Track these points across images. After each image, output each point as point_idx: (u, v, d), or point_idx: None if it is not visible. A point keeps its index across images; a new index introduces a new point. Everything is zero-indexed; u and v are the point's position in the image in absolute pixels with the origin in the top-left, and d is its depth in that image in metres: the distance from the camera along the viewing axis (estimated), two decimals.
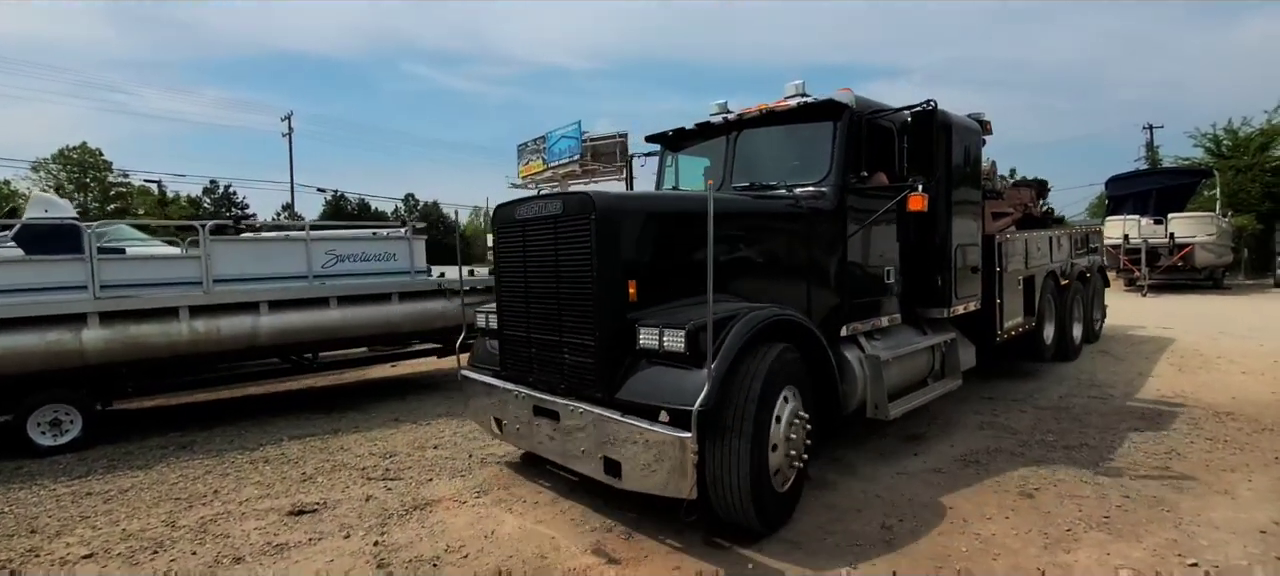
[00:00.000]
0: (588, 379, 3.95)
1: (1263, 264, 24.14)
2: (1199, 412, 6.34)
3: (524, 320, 4.44)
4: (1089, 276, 10.18)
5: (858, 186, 5.14)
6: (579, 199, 3.98)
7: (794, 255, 4.90)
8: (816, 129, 5.22)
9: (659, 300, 4.03)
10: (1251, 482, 4.55)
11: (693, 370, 3.54)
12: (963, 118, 6.41)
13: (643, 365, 3.80)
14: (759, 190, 5.24)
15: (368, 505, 4.56)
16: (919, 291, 5.96)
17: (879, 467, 4.98)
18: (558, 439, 4.13)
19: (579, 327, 3.99)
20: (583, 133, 42.89)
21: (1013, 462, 5.05)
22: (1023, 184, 9.89)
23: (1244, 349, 9.51)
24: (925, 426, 6.04)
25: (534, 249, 4.30)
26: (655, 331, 3.73)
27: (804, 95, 5.42)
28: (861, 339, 5.18)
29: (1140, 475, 4.71)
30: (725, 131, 5.76)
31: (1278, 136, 25.21)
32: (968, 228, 6.37)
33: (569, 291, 4.05)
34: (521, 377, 4.52)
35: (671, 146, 6.46)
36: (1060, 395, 7.14)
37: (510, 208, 4.56)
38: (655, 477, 3.51)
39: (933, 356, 6.00)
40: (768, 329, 3.91)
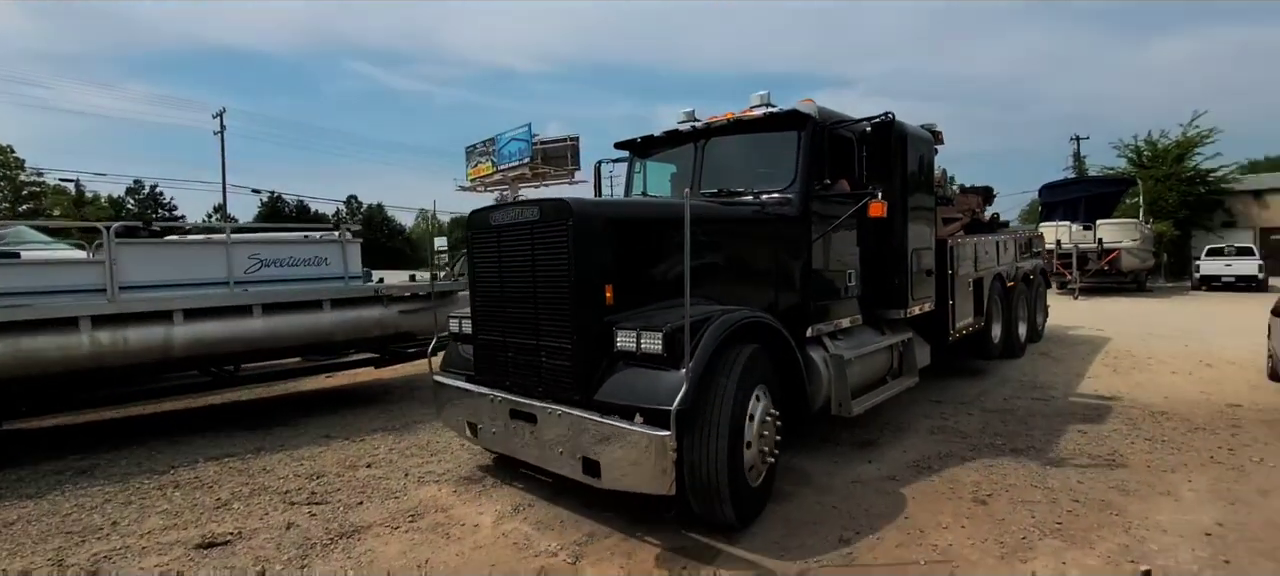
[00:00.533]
0: (565, 381, 4.00)
1: (1180, 268, 25.69)
2: (1136, 413, 6.50)
3: (499, 324, 4.48)
4: (1032, 279, 10.70)
5: (821, 193, 5.27)
6: (556, 205, 4.05)
7: (761, 259, 5.09)
8: (782, 138, 5.38)
9: (635, 304, 4.11)
10: (1192, 483, 4.62)
11: (670, 371, 3.61)
12: (918, 128, 6.65)
13: (620, 367, 3.86)
14: (726, 197, 5.36)
15: (288, 534, 4.15)
16: (878, 293, 6.17)
17: (834, 477, 4.86)
18: (535, 441, 4.14)
19: (556, 331, 4.05)
20: (533, 135, 42.37)
21: (965, 467, 5.02)
22: (971, 190, 10.36)
23: (1171, 350, 9.93)
24: (877, 432, 5.99)
25: (510, 254, 4.34)
26: (633, 334, 3.80)
27: (770, 105, 5.58)
28: (825, 339, 5.32)
29: (1087, 478, 4.73)
30: (693, 139, 5.86)
31: (1192, 148, 26.88)
32: (923, 233, 6.61)
33: (546, 295, 4.10)
34: (497, 382, 4.51)
35: (640, 153, 6.53)
36: (1005, 397, 7.24)
37: (485, 213, 4.61)
38: (635, 476, 3.57)
39: (892, 355, 6.21)
40: (740, 330, 4.00)
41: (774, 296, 5.04)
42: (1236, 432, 5.77)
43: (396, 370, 9.61)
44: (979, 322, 8.20)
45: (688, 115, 6.09)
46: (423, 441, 6.15)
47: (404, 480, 5.09)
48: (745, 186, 5.40)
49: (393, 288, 7.76)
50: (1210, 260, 21.86)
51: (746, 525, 3.95)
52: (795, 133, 5.31)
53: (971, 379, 8.14)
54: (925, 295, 6.66)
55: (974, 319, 8.04)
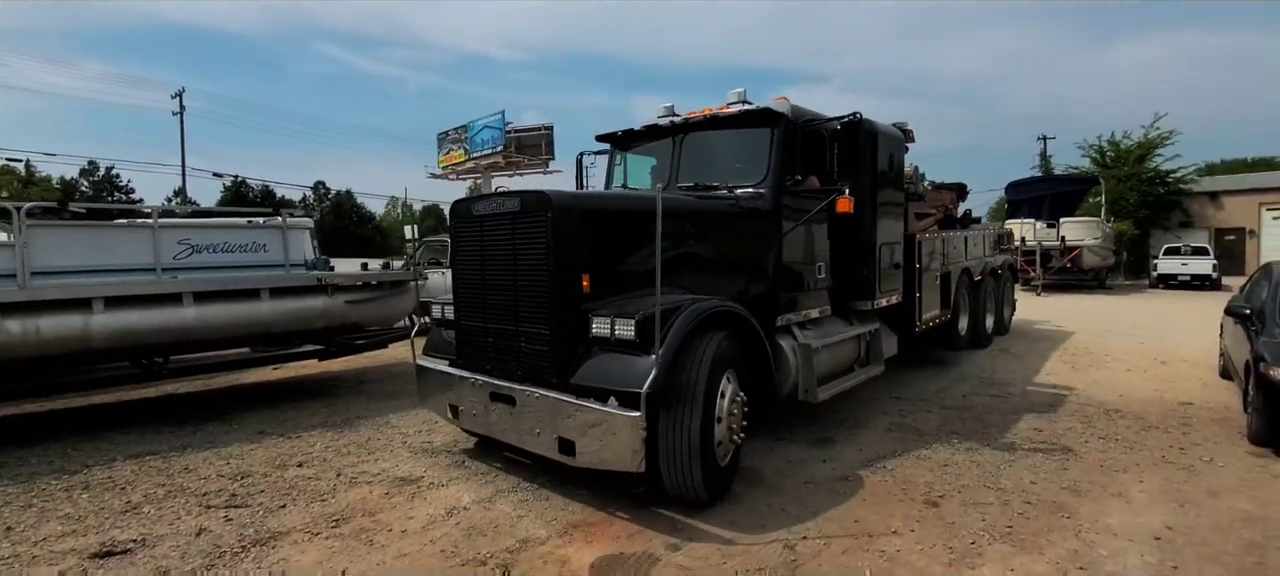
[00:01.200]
0: (544, 365, 4.16)
1: (1139, 266, 26.29)
2: (1091, 410, 6.49)
3: (481, 311, 4.63)
4: (1000, 274, 10.92)
5: (792, 188, 5.43)
6: (537, 197, 4.18)
7: (734, 251, 5.24)
8: (756, 134, 5.52)
9: (610, 292, 4.28)
10: (1143, 483, 4.57)
11: (642, 356, 3.77)
12: (887, 126, 6.75)
13: (595, 352, 4.04)
14: (702, 190, 5.51)
15: (196, 542, 3.84)
16: (847, 285, 6.31)
17: (786, 478, 4.71)
18: (513, 422, 4.31)
19: (535, 318, 4.22)
20: (506, 123, 41.65)
21: (920, 466, 4.90)
22: (944, 187, 10.46)
23: (1128, 347, 10.03)
24: (835, 429, 5.87)
25: (491, 243, 4.48)
26: (607, 321, 3.97)
27: (745, 102, 5.68)
28: (794, 328, 5.48)
29: (1040, 478, 4.65)
30: (671, 133, 5.97)
31: (1153, 149, 27.45)
32: (891, 227, 6.76)
33: (526, 284, 4.25)
34: (478, 365, 4.67)
35: (620, 146, 6.65)
36: (964, 394, 7.19)
37: (468, 203, 4.76)
38: (607, 454, 3.76)
39: (859, 345, 6.29)
40: (710, 318, 4.17)
41: (745, 287, 5.16)
42: (1187, 431, 5.76)
43: (348, 362, 9.27)
44: (946, 315, 8.39)
45: (667, 110, 6.19)
46: (362, 438, 5.85)
47: (335, 481, 4.81)
48: (721, 180, 5.54)
49: (339, 277, 7.40)
50: (1167, 259, 22.37)
51: (715, 500, 4.14)
52: (769, 130, 5.43)
53: (932, 374, 8.09)
54: (893, 288, 6.82)
55: (940, 311, 8.20)
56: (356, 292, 7.37)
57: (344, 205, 64.18)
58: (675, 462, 3.91)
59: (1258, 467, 4.86)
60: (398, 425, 6.27)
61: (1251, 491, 4.41)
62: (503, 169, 43.16)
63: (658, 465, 3.93)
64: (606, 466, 3.82)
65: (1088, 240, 20.07)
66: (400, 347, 10.80)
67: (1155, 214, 27.68)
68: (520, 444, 4.37)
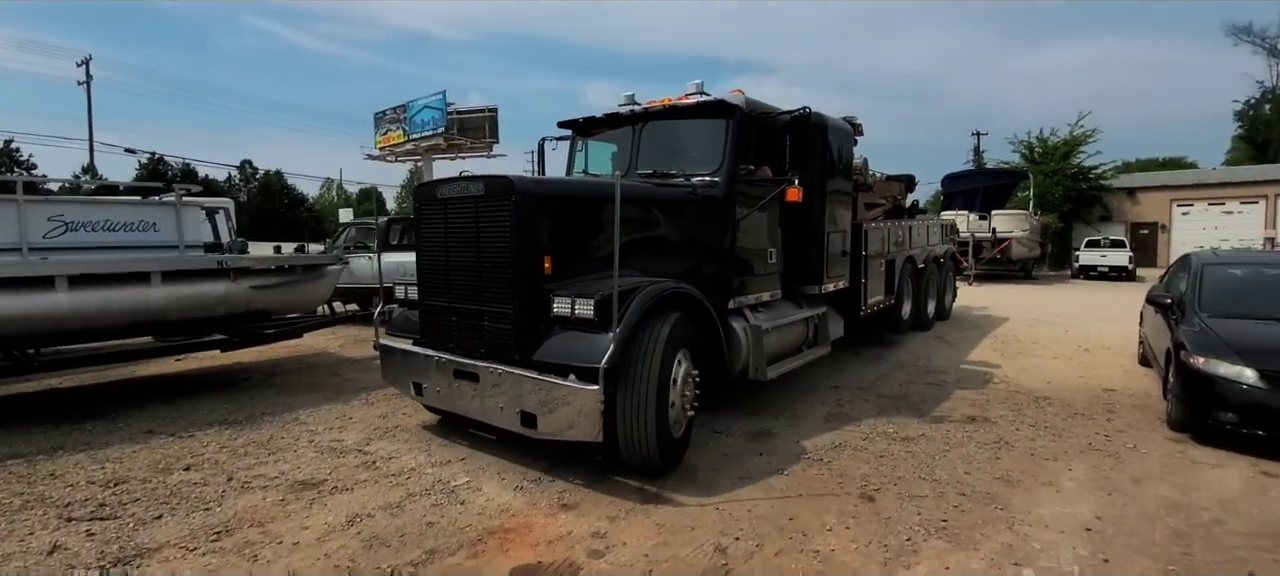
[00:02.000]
0: (507, 343, 4.32)
1: (1061, 258, 27.60)
2: (1021, 398, 6.56)
3: (445, 291, 4.73)
4: (943, 262, 11.49)
5: (746, 178, 5.60)
6: (500, 182, 4.31)
7: (690, 236, 5.39)
8: (712, 125, 5.66)
9: (570, 273, 4.45)
10: (1072, 471, 4.57)
11: (600, 334, 3.95)
12: (837, 120, 7.00)
13: (556, 330, 4.21)
14: (661, 177, 5.66)
15: (47, 561, 3.33)
16: (796, 270, 6.56)
17: (721, 473, 4.50)
18: (477, 398, 4.46)
19: (499, 298, 4.35)
20: (448, 104, 40.22)
21: (856, 458, 4.78)
22: (893, 178, 10.78)
23: (1054, 336, 10.34)
24: (772, 420, 5.71)
25: (456, 226, 4.58)
26: (568, 301, 4.14)
27: (702, 94, 5.83)
28: (746, 310, 5.69)
29: (974, 468, 4.59)
30: (631, 122, 6.09)
31: (1077, 147, 28.80)
32: (839, 216, 7.07)
33: (490, 265, 4.38)
34: (442, 344, 4.79)
35: (582, 132, 6.73)
36: (900, 383, 7.18)
37: (432, 187, 4.88)
38: (568, 426, 3.95)
39: (807, 327, 6.53)
40: (665, 299, 4.35)
41: (700, 270, 5.30)
42: (1111, 418, 5.87)
43: (261, 353, 8.60)
44: (889, 300, 8.82)
45: (628, 99, 6.28)
46: (264, 437, 5.34)
47: (225, 486, 4.31)
48: (678, 168, 5.69)
49: (244, 260, 6.77)
50: (1088, 251, 23.49)
51: (669, 469, 4.35)
52: (724, 121, 5.59)
53: (871, 362, 8.09)
54: (840, 274, 7.17)
55: (885, 296, 8.61)
56: (264, 277, 6.76)
57: (273, 186, 60.96)
58: (633, 433, 4.07)
59: (1177, 453, 4.95)
60: (307, 421, 5.77)
61: (1174, 477, 4.47)
62: (444, 151, 41.73)
63: (615, 436, 4.08)
64: (567, 437, 4.02)
65: (1017, 232, 20.84)
66: (321, 337, 10.19)
67: (1078, 208, 29.08)
68: (483, 418, 4.53)
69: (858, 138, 7.64)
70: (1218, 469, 4.64)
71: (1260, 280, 6.12)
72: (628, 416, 4.04)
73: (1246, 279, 6.19)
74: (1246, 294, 5.95)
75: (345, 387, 7.03)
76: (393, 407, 6.20)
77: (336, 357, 8.79)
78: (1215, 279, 6.14)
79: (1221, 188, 28.33)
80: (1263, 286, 6.03)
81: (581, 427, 3.91)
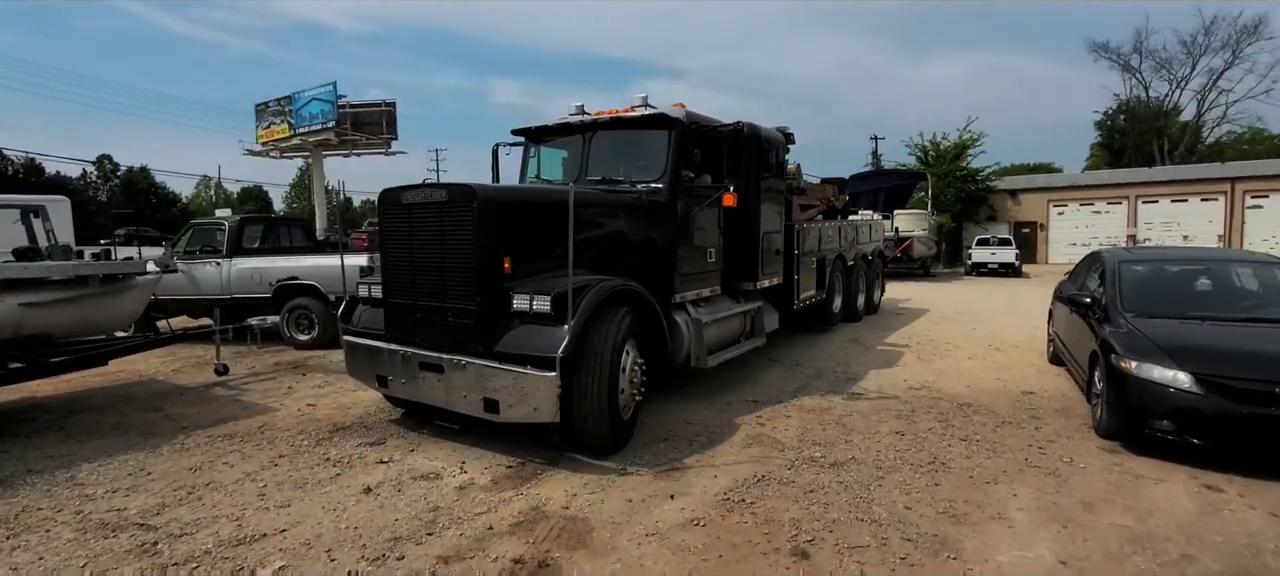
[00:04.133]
0: (470, 337, 4.62)
1: (953, 256, 28.98)
2: (945, 405, 6.14)
3: (410, 289, 4.97)
4: (871, 260, 12.19)
5: (687, 184, 6.06)
6: (463, 189, 4.64)
7: (636, 238, 5.84)
8: (655, 136, 6.11)
9: (528, 272, 4.79)
10: (1017, 498, 4.05)
11: (556, 327, 4.31)
12: (770, 130, 7.63)
13: (516, 324, 4.54)
14: (609, 184, 6.06)
15: None
16: (735, 268, 7.03)
17: (623, 530, 3.62)
18: (442, 388, 4.74)
19: (462, 295, 4.65)
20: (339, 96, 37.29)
21: (784, 496, 4.05)
22: (827, 182, 11.61)
23: (963, 334, 10.25)
24: (686, 449, 4.92)
25: (420, 229, 4.84)
26: (527, 297, 4.48)
27: (647, 106, 6.26)
28: (689, 305, 6.11)
29: (914, 501, 3.98)
30: (582, 131, 6.45)
31: (966, 150, 30.36)
32: (773, 218, 7.63)
33: (453, 265, 4.68)
34: (407, 339, 5.02)
35: (535, 139, 7.08)
36: (822, 393, 6.61)
37: (397, 192, 5.03)
38: (528, 410, 4.29)
39: (745, 320, 7.00)
40: (614, 296, 4.77)
41: (646, 268, 5.65)
42: (1039, 426, 5.51)
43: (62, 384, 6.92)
44: (821, 295, 9.47)
45: (578, 109, 6.65)
46: (11, 510, 3.94)
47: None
48: (625, 175, 6.10)
49: (12, 269, 5.22)
50: (980, 249, 24.65)
51: (619, 447, 4.79)
52: (667, 132, 6.02)
53: (789, 373, 7.52)
54: (774, 271, 7.73)
55: (816, 291, 9.25)
56: (39, 292, 5.23)
57: (138, 184, 54.51)
58: (587, 415, 4.50)
59: (1116, 467, 4.57)
60: (86, 481, 4.39)
61: (1122, 499, 4.04)
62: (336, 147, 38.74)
63: (571, 418, 4.47)
64: (528, 420, 4.38)
65: (917, 231, 21.45)
66: (155, 359, 8.51)
67: (967, 208, 30.67)
68: (448, 406, 4.83)
69: (790, 146, 8.22)
70: (1162, 484, 4.27)
71: (1178, 277, 5.98)
72: (583, 401, 4.46)
73: (1164, 276, 6.04)
74: (1166, 292, 5.77)
75: (159, 428, 5.60)
76: (213, 453, 4.92)
77: (164, 386, 7.22)
78: (1134, 277, 5.94)
79: (1091, 189, 30.74)
80: (1181, 284, 5.88)
81: (541, 410, 4.26)
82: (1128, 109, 45.54)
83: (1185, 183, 28.58)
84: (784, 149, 8.02)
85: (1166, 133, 42.76)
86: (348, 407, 6.20)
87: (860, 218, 12.54)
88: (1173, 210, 28.20)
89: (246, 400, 6.58)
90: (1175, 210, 28.17)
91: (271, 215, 13.39)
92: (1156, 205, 28.65)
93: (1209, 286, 5.83)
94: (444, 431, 5.38)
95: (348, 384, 7.16)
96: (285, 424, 5.70)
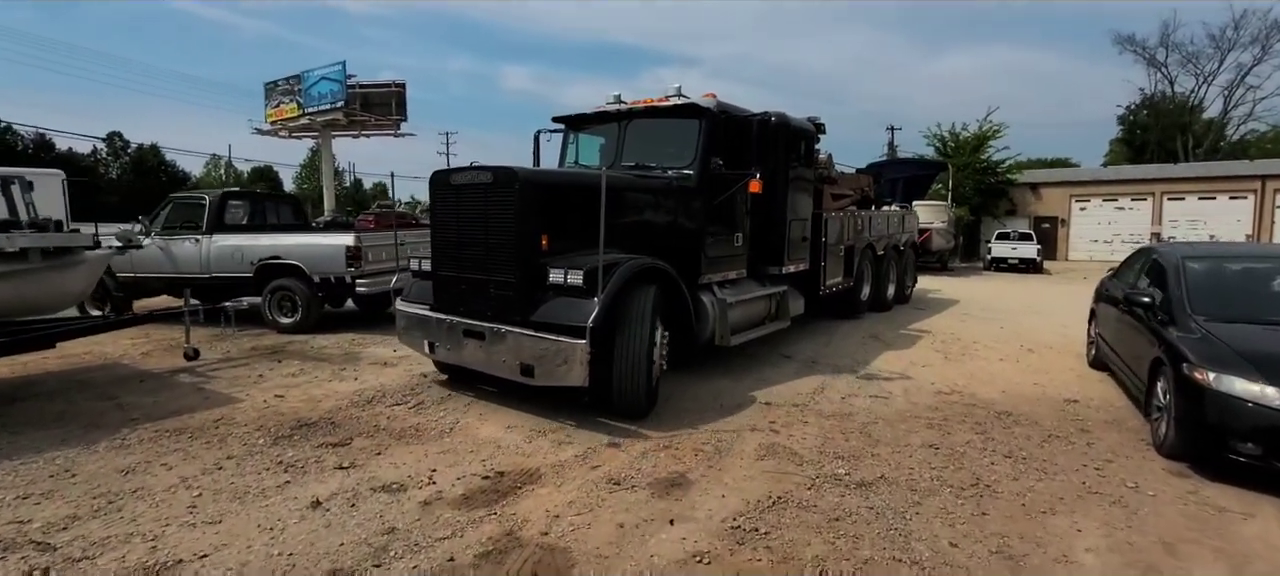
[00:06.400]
0: (510, 307, 5.01)
1: (971, 250, 28.11)
2: (980, 413, 5.49)
3: (456, 263, 5.40)
4: (903, 249, 12.09)
5: (716, 171, 6.25)
6: (506, 172, 5.04)
7: (666, 220, 6.11)
8: (687, 124, 6.38)
9: (564, 250, 5.14)
10: (1081, 532, 3.41)
11: (588, 299, 4.67)
12: (800, 120, 7.82)
13: (551, 296, 4.92)
14: (643, 169, 6.34)
15: None
16: (761, 253, 7.29)
17: (610, 565, 3.01)
18: (484, 354, 5.15)
19: (503, 269, 5.06)
20: (349, 76, 36.79)
21: (804, 528, 3.42)
22: (861, 172, 11.85)
23: (990, 333, 9.55)
24: (691, 460, 4.30)
25: (467, 209, 5.27)
26: (562, 272, 4.85)
27: (681, 97, 6.51)
28: (715, 286, 6.40)
29: (961, 534, 3.35)
30: (618, 119, 6.77)
31: (986, 141, 29.35)
32: (800, 205, 7.84)
33: (496, 242, 5.08)
34: (453, 309, 5.43)
35: (574, 127, 7.40)
36: (842, 396, 5.96)
37: (445, 174, 5.47)
38: (560, 374, 4.69)
39: (769, 303, 7.27)
40: (642, 273, 5.10)
41: (675, 250, 5.92)
42: (1090, 442, 4.85)
43: (16, 365, 6.39)
44: (848, 282, 9.55)
45: (615, 98, 7.03)
46: None
47: None
48: (658, 162, 6.37)
49: None
50: (1000, 244, 23.79)
51: (651, 410, 5.11)
52: (697, 121, 6.31)
53: (804, 370, 6.87)
54: (800, 257, 7.91)
55: (843, 279, 9.34)
56: None
57: (147, 161, 54.14)
58: (627, 382, 4.86)
59: (1190, 496, 3.91)
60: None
61: (1209, 539, 3.38)
62: (344, 128, 38.22)
63: (601, 382, 4.79)
64: (560, 383, 4.69)
65: (937, 223, 20.62)
66: (125, 340, 7.98)
67: (986, 201, 29.71)
68: (488, 370, 5.20)
69: (821, 136, 8.33)
70: (1251, 520, 3.61)
71: (1250, 277, 5.27)
72: (622, 363, 4.82)
73: (1234, 275, 5.33)
74: (1239, 292, 5.06)
75: (106, 419, 5.05)
76: (154, 452, 4.35)
77: (126, 371, 6.66)
78: (1202, 275, 5.23)
79: (1116, 184, 29.69)
80: (1255, 283, 5.17)
81: (572, 375, 4.58)
82: (1151, 104, 44.19)
83: (1213, 180, 27.53)
84: (814, 139, 8.21)
85: (1191, 129, 41.47)
86: (318, 400, 5.63)
87: (893, 209, 12.34)
88: (1200, 207, 27.16)
89: (210, 389, 6.01)
90: (1202, 208, 27.13)
91: (258, 192, 12.88)
92: (1183, 202, 27.61)
93: None
94: (422, 431, 4.80)
95: (323, 373, 6.60)
96: (245, 417, 5.13)
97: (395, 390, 5.92)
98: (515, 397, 5.63)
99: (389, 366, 6.89)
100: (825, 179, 9.10)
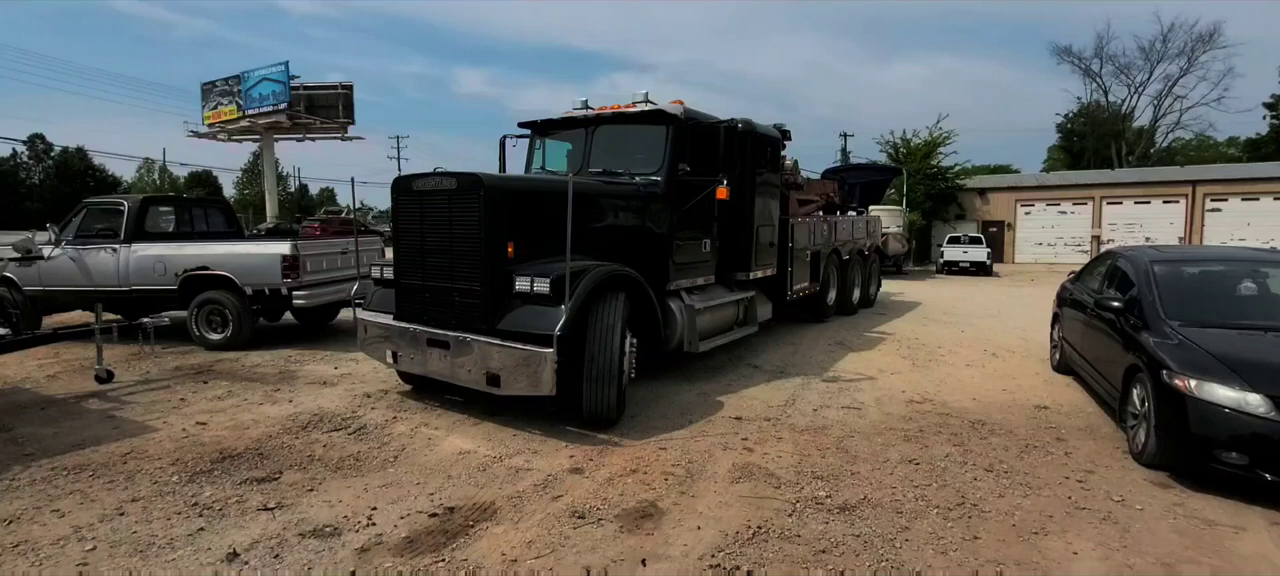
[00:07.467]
0: (475, 315, 4.91)
1: (923, 254, 28.71)
2: (955, 423, 5.34)
3: (420, 271, 5.26)
4: (867, 255, 12.26)
5: (683, 177, 6.24)
6: (471, 178, 4.90)
7: (634, 227, 6.04)
8: (654, 131, 6.36)
9: (530, 257, 5.02)
10: (1078, 556, 3.23)
11: (555, 307, 4.60)
12: (766, 127, 7.82)
13: (517, 304, 4.82)
14: (609, 175, 6.29)
15: None
16: (729, 259, 7.24)
17: None
18: (448, 363, 5.04)
19: (468, 277, 4.95)
20: (292, 77, 35.36)
21: (790, 562, 3.12)
22: (827, 177, 12.17)
23: (953, 337, 9.53)
24: (661, 485, 3.97)
25: (430, 216, 5.14)
26: (528, 279, 4.76)
27: (648, 102, 6.48)
28: (683, 292, 6.36)
29: (952, 562, 3.10)
30: (585, 125, 6.69)
31: (936, 147, 30.09)
32: (767, 212, 7.81)
33: (461, 249, 4.97)
34: (417, 317, 5.29)
35: (541, 132, 7.27)
36: (814, 408, 5.74)
37: (408, 180, 5.37)
38: (526, 383, 4.61)
39: (738, 309, 7.25)
40: (609, 280, 5.07)
41: (642, 256, 5.84)
42: (1068, 452, 4.72)
43: None
44: (815, 287, 9.56)
45: (582, 104, 6.94)
46: None
47: None
48: (625, 168, 6.34)
49: None
50: (951, 247, 24.31)
51: (619, 418, 5.06)
52: (665, 127, 6.28)
53: (774, 380, 6.63)
54: (768, 263, 7.89)
55: (810, 284, 9.32)
56: None
57: (73, 166, 50.87)
58: (597, 392, 4.78)
59: (1177, 509, 3.78)
60: None
61: (1206, 557, 3.23)
62: (288, 131, 36.61)
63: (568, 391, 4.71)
64: (526, 393, 4.67)
65: (892, 228, 20.89)
66: (38, 358, 7.19)
67: (937, 206, 30.43)
68: (453, 380, 5.07)
69: (786, 143, 8.34)
70: (1242, 533, 3.49)
71: (1221, 280, 5.25)
72: (591, 375, 4.76)
73: (1203, 279, 5.30)
74: (1211, 296, 5.03)
75: None
76: (47, 494, 3.76)
77: (27, 397, 5.94)
78: (1173, 279, 5.18)
79: (1058, 189, 30.79)
80: (1224, 287, 5.16)
81: (539, 384, 4.51)
82: (1087, 112, 46.26)
83: (1148, 185, 28.79)
84: (780, 145, 8.22)
85: (1124, 137, 43.55)
86: (246, 427, 5.07)
87: (854, 215, 12.52)
88: (1136, 211, 28.37)
89: (123, 416, 5.38)
90: (1138, 211, 28.35)
91: (185, 197, 12.03)
92: (1120, 206, 28.80)
93: (1255, 290, 5.13)
94: (362, 461, 4.32)
95: (254, 395, 6.02)
96: (159, 450, 4.56)
97: (334, 413, 5.41)
98: (477, 411, 5.26)
99: (328, 386, 6.34)
100: (791, 185, 9.16)
